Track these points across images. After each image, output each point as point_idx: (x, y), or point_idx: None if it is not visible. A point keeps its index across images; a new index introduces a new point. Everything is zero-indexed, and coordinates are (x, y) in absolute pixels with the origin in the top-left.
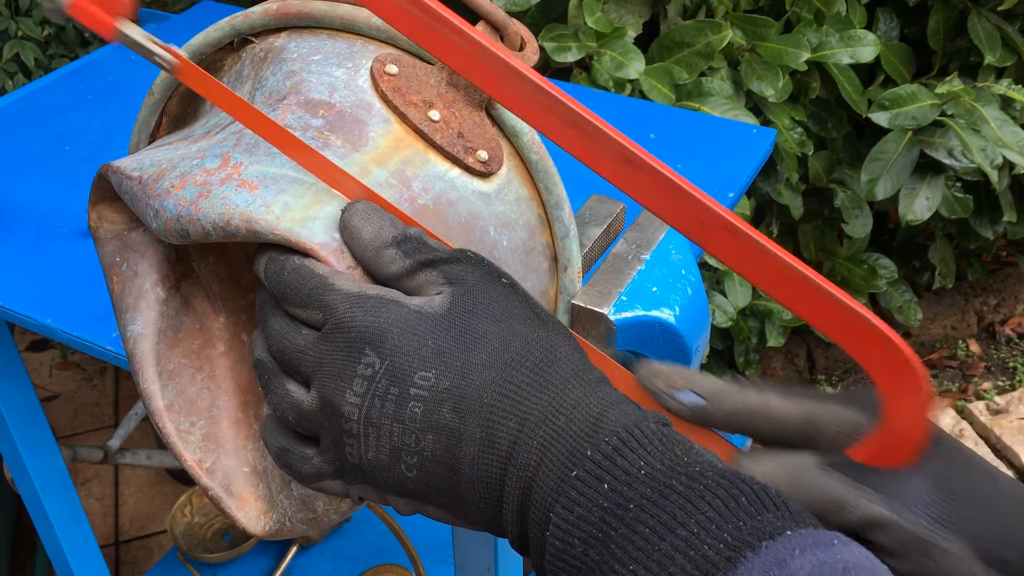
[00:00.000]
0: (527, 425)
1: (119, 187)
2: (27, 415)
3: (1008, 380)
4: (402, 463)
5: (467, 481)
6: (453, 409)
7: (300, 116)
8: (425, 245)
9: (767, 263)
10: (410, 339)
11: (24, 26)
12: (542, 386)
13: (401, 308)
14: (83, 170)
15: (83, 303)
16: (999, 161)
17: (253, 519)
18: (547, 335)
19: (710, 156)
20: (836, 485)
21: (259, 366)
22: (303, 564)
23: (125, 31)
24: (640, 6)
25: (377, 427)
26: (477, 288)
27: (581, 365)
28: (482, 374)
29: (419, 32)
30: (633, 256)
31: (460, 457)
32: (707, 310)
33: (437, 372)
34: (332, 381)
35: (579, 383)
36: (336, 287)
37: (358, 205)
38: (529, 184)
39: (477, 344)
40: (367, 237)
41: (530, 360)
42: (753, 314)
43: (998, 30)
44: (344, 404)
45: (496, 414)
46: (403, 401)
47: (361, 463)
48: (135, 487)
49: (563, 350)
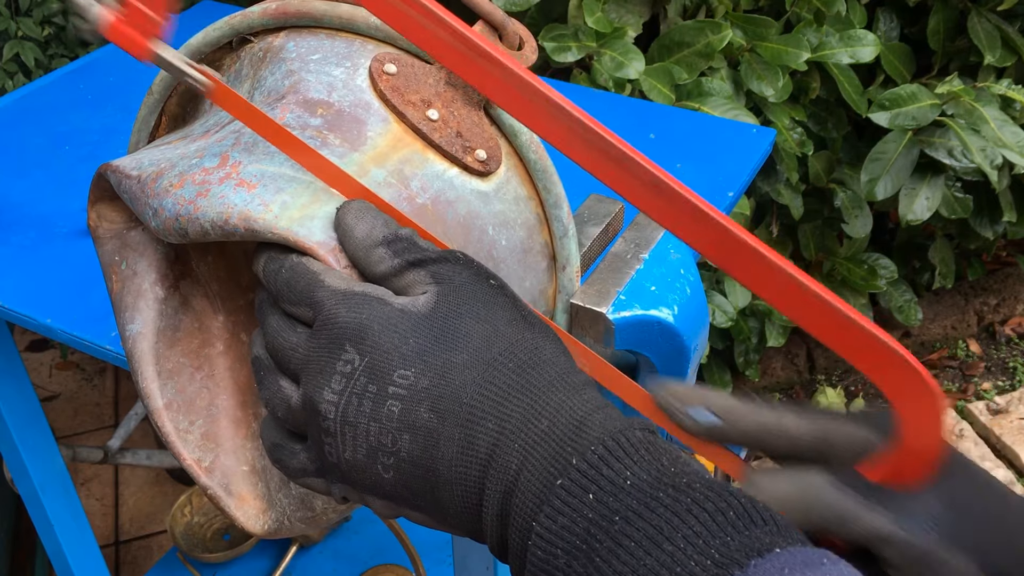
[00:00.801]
0: (508, 427)
1: (118, 186)
2: (27, 415)
3: (1008, 380)
4: (379, 463)
5: (445, 483)
6: (431, 409)
7: (299, 115)
8: (415, 245)
9: (788, 287)
10: (390, 337)
11: (24, 26)
12: (524, 388)
13: (385, 306)
14: (83, 170)
15: (83, 303)
16: (999, 161)
17: (252, 518)
18: (532, 337)
19: (710, 156)
20: (846, 501)
21: (255, 363)
22: (303, 564)
23: (162, 54)
24: (640, 6)
25: (354, 426)
26: (463, 288)
27: (566, 368)
28: (463, 374)
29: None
30: (632, 255)
31: (438, 458)
32: (706, 309)
33: (417, 371)
34: (314, 378)
35: (563, 386)
36: (325, 284)
37: (353, 204)
38: (527, 183)
39: (459, 344)
40: (359, 235)
41: (513, 361)
42: (753, 314)
43: (998, 30)
44: (322, 402)
45: (476, 415)
46: (381, 399)
47: (339, 462)
48: (135, 487)
49: (548, 352)
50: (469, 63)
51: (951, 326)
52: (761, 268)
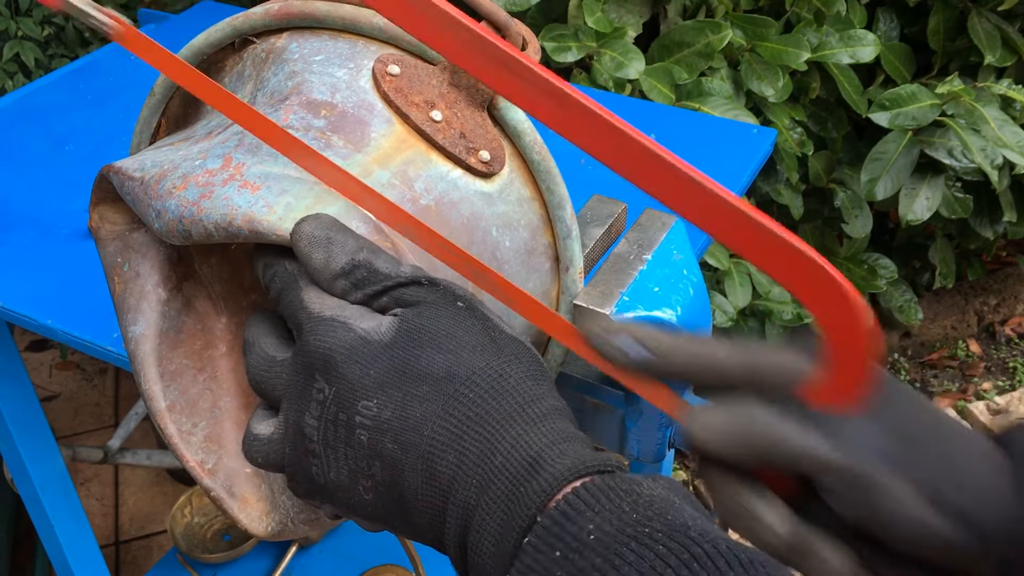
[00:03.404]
0: (465, 461)
1: (121, 188)
2: (27, 415)
3: (1008, 380)
4: (360, 485)
5: (413, 510)
6: (394, 440)
7: (302, 117)
8: (374, 273)
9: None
10: (352, 367)
11: (24, 26)
12: (483, 420)
13: (348, 333)
14: (84, 170)
15: (83, 304)
16: (999, 161)
17: (255, 520)
18: (497, 364)
19: (710, 156)
20: (783, 428)
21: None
22: (303, 564)
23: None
24: (640, 6)
25: (335, 448)
26: (426, 314)
27: (529, 396)
28: (423, 406)
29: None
30: (635, 256)
31: (404, 487)
32: (709, 310)
33: (379, 402)
34: (295, 403)
35: (522, 417)
36: (304, 305)
37: (303, 228)
38: (531, 184)
39: (420, 374)
40: (316, 267)
41: (474, 391)
42: (753, 314)
43: (998, 30)
44: (306, 426)
45: (436, 448)
46: (351, 428)
47: (326, 483)
48: (135, 487)
49: (512, 380)
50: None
51: (951, 326)
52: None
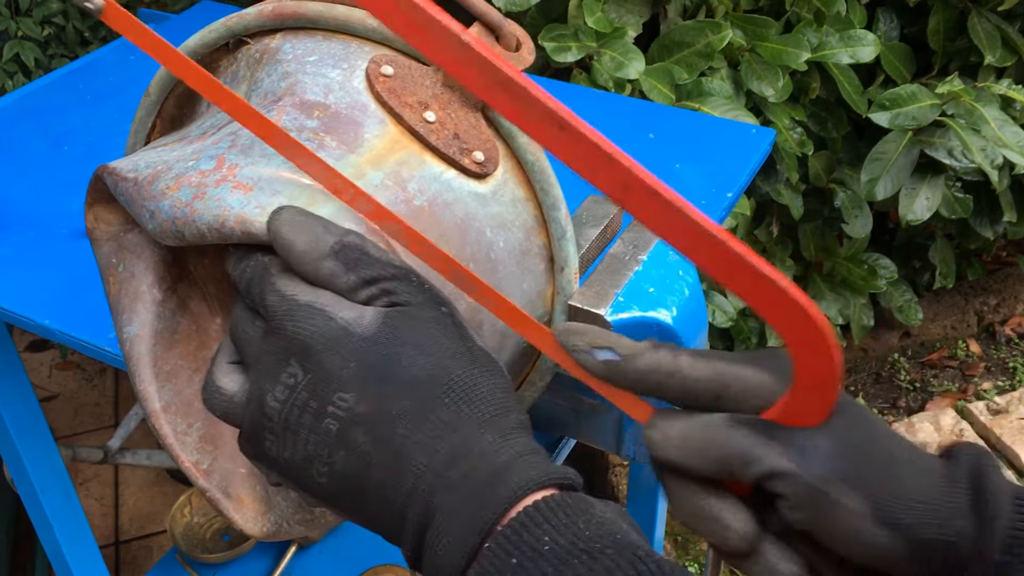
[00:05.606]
0: (434, 464)
1: (115, 189)
2: (26, 415)
3: (1008, 380)
4: (314, 470)
5: (372, 501)
6: (367, 433)
7: (295, 117)
8: (367, 256)
9: (688, 230)
10: (332, 358)
11: (24, 26)
12: (455, 426)
13: (328, 322)
14: (82, 170)
15: (82, 304)
16: (999, 161)
17: (251, 520)
18: (473, 372)
19: (710, 156)
20: (743, 438)
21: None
22: (302, 564)
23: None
24: (640, 6)
25: (295, 432)
26: (411, 313)
27: (500, 407)
28: (399, 404)
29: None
30: (630, 257)
31: (367, 479)
32: (704, 310)
33: (356, 396)
34: (262, 379)
35: (492, 428)
36: (276, 288)
37: (283, 215)
38: (525, 185)
39: (399, 374)
40: (301, 248)
41: (449, 397)
42: (753, 314)
43: (998, 30)
44: (266, 404)
45: (407, 447)
46: (320, 416)
47: (278, 459)
48: (135, 487)
49: (484, 390)
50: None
51: (951, 326)
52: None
